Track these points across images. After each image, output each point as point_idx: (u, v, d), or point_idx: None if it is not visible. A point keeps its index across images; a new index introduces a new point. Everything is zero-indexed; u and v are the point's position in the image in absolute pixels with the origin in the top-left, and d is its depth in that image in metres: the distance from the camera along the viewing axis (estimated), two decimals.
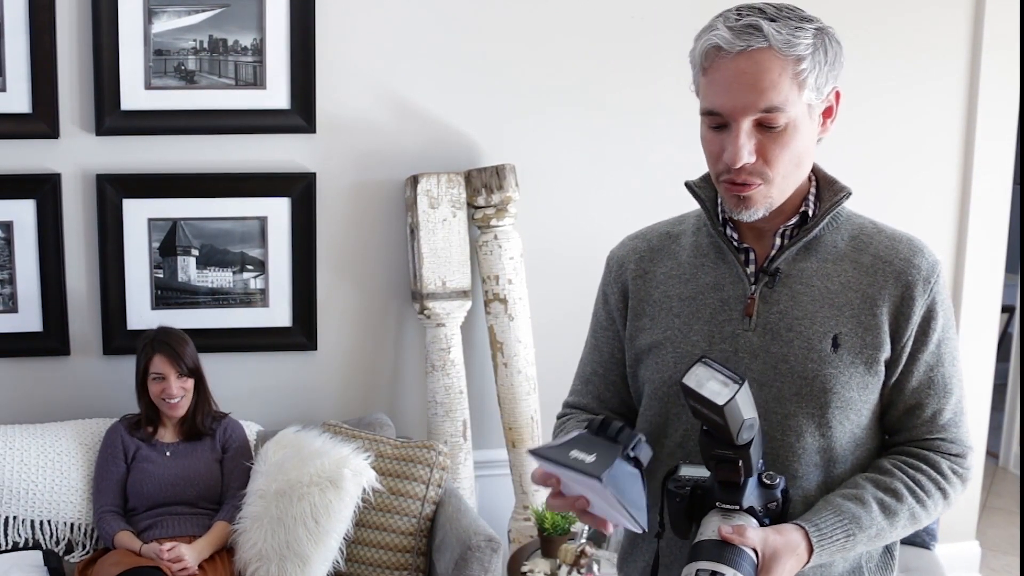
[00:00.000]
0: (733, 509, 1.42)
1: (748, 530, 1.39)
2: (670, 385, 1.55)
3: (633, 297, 1.63)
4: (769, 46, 1.40)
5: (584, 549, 2.82)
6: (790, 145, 1.44)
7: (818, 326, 1.49)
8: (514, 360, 3.16)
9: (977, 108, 3.51)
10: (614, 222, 3.33)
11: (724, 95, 1.43)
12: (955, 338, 1.55)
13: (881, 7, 3.40)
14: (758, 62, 1.40)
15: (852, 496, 1.47)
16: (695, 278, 1.58)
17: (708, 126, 1.47)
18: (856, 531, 1.45)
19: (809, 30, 1.43)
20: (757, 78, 1.40)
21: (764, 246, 1.54)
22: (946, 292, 1.54)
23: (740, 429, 1.35)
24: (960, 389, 1.55)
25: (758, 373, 1.50)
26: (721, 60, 1.43)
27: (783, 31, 1.40)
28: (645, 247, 1.66)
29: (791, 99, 1.42)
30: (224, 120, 3.05)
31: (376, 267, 3.24)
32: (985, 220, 3.60)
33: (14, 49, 2.91)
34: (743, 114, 1.42)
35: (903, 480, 1.49)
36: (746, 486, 1.41)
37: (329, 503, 2.76)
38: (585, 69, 3.26)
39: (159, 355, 2.87)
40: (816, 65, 1.43)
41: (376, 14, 3.12)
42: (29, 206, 3.00)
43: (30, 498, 2.85)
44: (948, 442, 1.53)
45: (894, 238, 1.54)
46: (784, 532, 1.42)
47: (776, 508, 1.44)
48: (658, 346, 1.58)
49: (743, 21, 1.42)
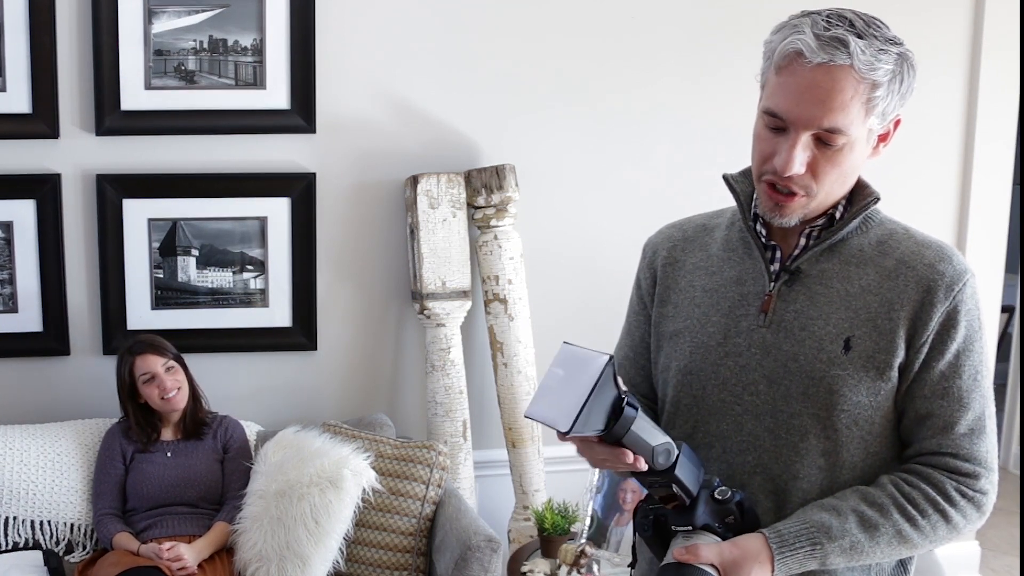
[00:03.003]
0: (688, 530, 1.44)
1: (701, 548, 1.40)
2: (684, 374, 1.57)
3: (660, 284, 1.65)
4: (851, 65, 1.38)
5: (584, 549, 2.82)
6: (841, 165, 1.44)
7: (831, 327, 1.48)
8: (514, 360, 3.16)
9: (977, 109, 3.51)
10: (614, 222, 3.35)
11: (792, 102, 1.41)
12: (981, 353, 1.49)
13: (881, 7, 3.38)
14: (836, 79, 1.39)
15: (829, 506, 1.45)
16: (720, 271, 1.59)
17: (766, 125, 1.46)
18: (824, 540, 1.42)
19: (892, 54, 1.41)
20: (830, 95, 1.39)
21: (789, 245, 1.54)
22: (974, 303, 1.48)
23: (653, 455, 1.37)
24: (982, 406, 1.48)
25: (768, 370, 1.50)
26: (799, 66, 1.40)
27: (868, 51, 1.38)
28: (680, 236, 1.67)
29: (856, 123, 1.41)
30: (224, 120, 3.05)
31: (376, 267, 3.24)
32: (985, 220, 3.60)
33: (14, 49, 2.91)
34: (805, 127, 1.41)
35: (892, 495, 1.45)
36: (696, 506, 1.43)
37: (329, 503, 2.75)
38: (585, 69, 3.26)
39: (140, 356, 2.86)
40: (890, 93, 1.42)
41: (376, 14, 3.12)
42: (29, 206, 3.00)
43: (30, 498, 2.85)
44: (960, 459, 1.47)
45: (922, 243, 1.51)
46: (741, 542, 1.43)
47: (734, 522, 1.45)
48: (677, 335, 1.59)
49: (831, 32, 1.39)
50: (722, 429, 1.54)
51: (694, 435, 1.55)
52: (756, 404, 1.51)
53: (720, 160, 2.72)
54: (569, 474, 3.25)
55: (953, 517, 1.47)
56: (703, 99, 3.32)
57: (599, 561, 2.83)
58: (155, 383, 2.85)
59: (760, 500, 1.51)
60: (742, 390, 1.52)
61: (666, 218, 1.76)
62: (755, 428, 1.51)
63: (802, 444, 1.49)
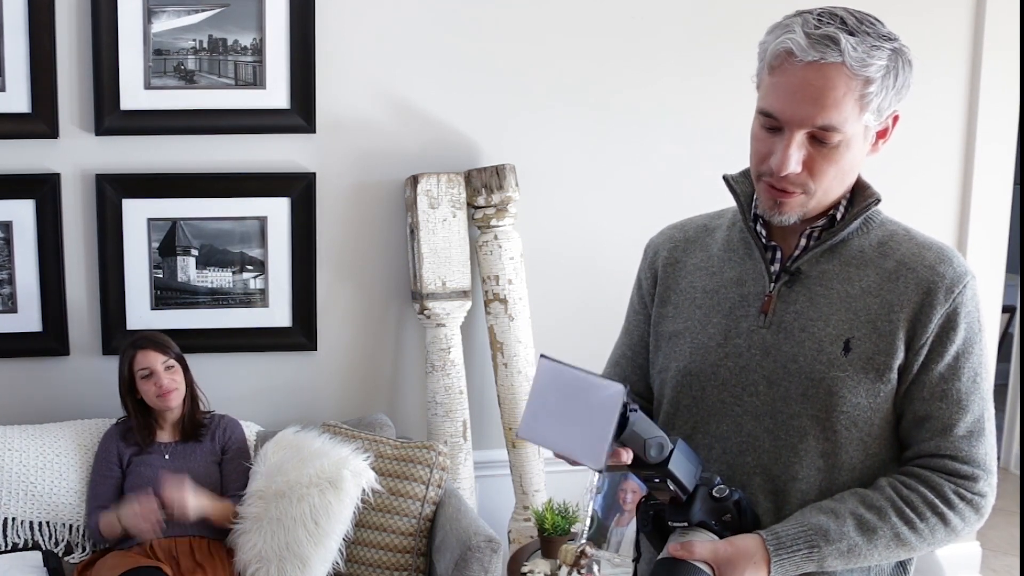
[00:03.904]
0: (684, 526, 1.44)
1: (695, 544, 1.40)
2: (684, 375, 1.57)
3: (661, 284, 1.65)
4: (842, 62, 1.38)
5: (584, 549, 2.82)
6: (838, 163, 1.44)
7: (831, 328, 1.48)
8: (514, 360, 3.16)
9: (978, 109, 3.51)
10: (614, 222, 3.34)
11: (785, 101, 1.41)
12: (981, 355, 1.48)
13: (881, 8, 3.39)
14: (827, 76, 1.39)
15: (827, 509, 1.45)
16: (721, 272, 1.59)
17: (761, 126, 1.46)
18: (821, 543, 1.42)
19: (885, 50, 1.41)
20: (822, 93, 1.39)
21: (790, 245, 1.54)
22: (974, 306, 1.48)
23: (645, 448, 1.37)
24: (981, 409, 1.48)
25: (768, 371, 1.50)
26: (790, 65, 1.41)
27: (859, 48, 1.38)
28: (681, 237, 1.67)
29: (851, 120, 1.41)
30: (224, 120, 3.05)
31: (376, 267, 3.24)
32: (985, 220, 3.60)
33: (14, 49, 2.91)
34: (800, 125, 1.41)
35: (891, 498, 1.45)
36: (693, 502, 1.43)
37: (329, 504, 2.75)
38: (585, 69, 3.26)
39: (141, 351, 2.84)
40: (884, 89, 1.41)
41: (376, 14, 3.12)
42: (29, 206, 2.99)
43: (29, 499, 2.85)
44: (959, 462, 1.46)
45: (923, 245, 1.51)
46: (737, 542, 1.43)
47: (732, 520, 1.45)
48: (677, 335, 1.59)
49: (822, 30, 1.39)
50: (722, 430, 1.54)
51: (693, 436, 1.55)
52: (756, 405, 1.51)
53: (721, 160, 2.72)
54: (569, 474, 3.23)
55: (951, 520, 1.46)
56: (703, 99, 3.32)
57: (599, 561, 2.83)
58: (152, 379, 2.83)
59: (759, 501, 1.51)
60: (742, 391, 1.52)
61: (667, 218, 1.77)
62: (755, 429, 1.51)
63: (801, 445, 1.49)
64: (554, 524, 2.97)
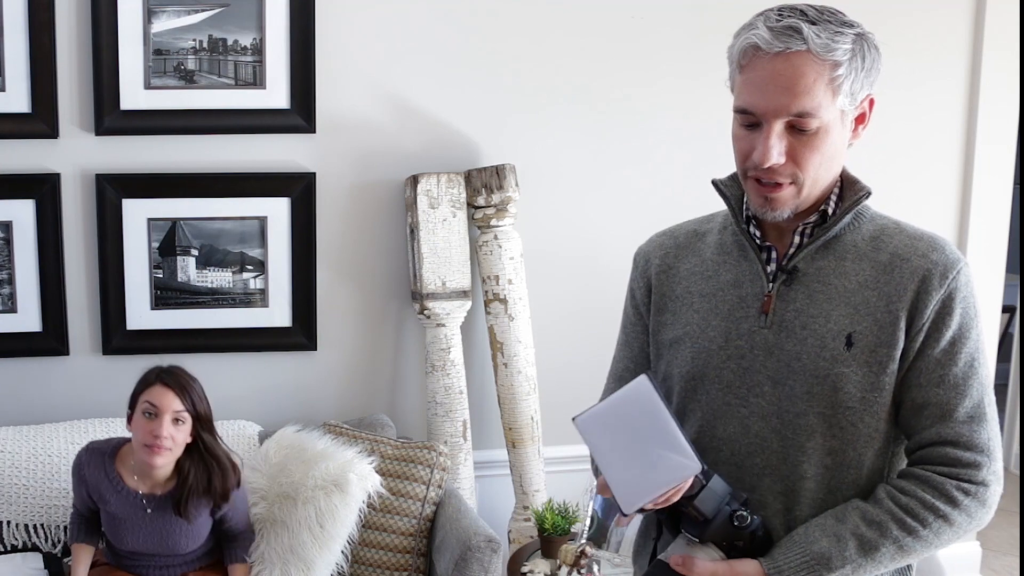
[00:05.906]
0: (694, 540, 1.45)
1: (696, 563, 1.42)
2: (687, 380, 1.57)
3: (656, 292, 1.65)
4: (807, 49, 1.41)
5: (584, 549, 2.82)
6: (820, 149, 1.45)
7: (832, 324, 1.49)
8: (514, 360, 3.16)
9: (978, 109, 3.51)
10: (614, 222, 3.34)
11: (758, 95, 1.44)
12: (977, 340, 1.49)
13: (881, 7, 3.40)
14: (795, 65, 1.41)
15: (830, 531, 1.45)
16: (717, 275, 1.59)
17: (740, 124, 1.48)
18: (823, 572, 1.43)
19: (849, 35, 1.43)
20: (792, 81, 1.41)
21: (784, 244, 1.55)
22: (968, 291, 1.49)
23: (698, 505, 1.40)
24: (980, 393, 1.48)
25: (772, 371, 1.50)
26: (758, 60, 1.43)
27: (822, 35, 1.41)
28: (671, 243, 1.68)
29: (824, 104, 1.42)
30: (224, 120, 3.04)
31: (376, 267, 3.24)
32: (986, 220, 3.60)
33: (14, 49, 2.90)
34: (775, 116, 1.43)
35: (891, 510, 1.45)
36: (711, 522, 1.43)
37: (335, 508, 2.72)
38: (585, 69, 3.26)
39: (160, 384, 2.45)
40: (853, 71, 1.43)
41: (376, 14, 3.12)
42: (28, 206, 2.99)
43: (24, 502, 2.83)
44: (961, 448, 1.46)
45: (914, 236, 1.53)
46: (738, 567, 1.44)
47: (742, 547, 1.45)
48: (678, 341, 1.60)
49: (784, 22, 1.42)
50: (729, 432, 1.54)
51: (700, 440, 1.55)
52: (762, 406, 1.51)
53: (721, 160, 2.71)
54: (569, 474, 3.25)
55: (956, 519, 1.46)
56: (703, 99, 3.32)
57: (599, 561, 2.83)
58: (151, 423, 2.43)
59: (769, 502, 1.51)
60: (747, 392, 1.52)
61: (666, 218, 1.77)
62: (762, 430, 1.51)
63: (809, 444, 1.49)
64: (554, 524, 2.97)
